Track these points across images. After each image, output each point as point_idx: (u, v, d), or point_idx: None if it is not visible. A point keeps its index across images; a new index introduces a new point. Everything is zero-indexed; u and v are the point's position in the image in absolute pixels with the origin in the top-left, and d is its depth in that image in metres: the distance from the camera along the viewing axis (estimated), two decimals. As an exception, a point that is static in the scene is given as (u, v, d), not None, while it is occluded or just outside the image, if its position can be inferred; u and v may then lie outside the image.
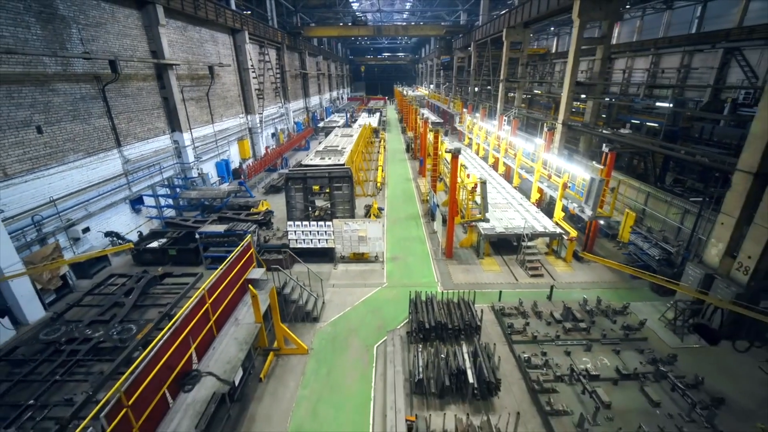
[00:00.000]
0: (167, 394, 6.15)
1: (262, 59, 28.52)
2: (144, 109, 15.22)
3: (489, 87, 31.01)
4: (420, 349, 7.87)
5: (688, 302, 9.20)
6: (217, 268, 7.75)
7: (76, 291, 11.04)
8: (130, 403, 5.15)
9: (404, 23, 49.56)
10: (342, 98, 70.18)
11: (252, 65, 25.44)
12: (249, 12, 28.92)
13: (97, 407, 4.84)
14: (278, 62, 32.83)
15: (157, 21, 15.27)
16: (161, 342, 5.99)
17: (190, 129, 17.93)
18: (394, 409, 6.63)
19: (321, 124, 40.03)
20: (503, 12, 26.38)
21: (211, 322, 7.45)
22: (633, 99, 23.19)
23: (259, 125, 26.57)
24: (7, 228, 9.18)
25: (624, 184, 14.61)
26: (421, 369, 7.35)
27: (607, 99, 19.43)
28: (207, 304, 7.23)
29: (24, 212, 10.15)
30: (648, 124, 20.87)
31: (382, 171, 22.95)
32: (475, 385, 6.87)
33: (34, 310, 9.58)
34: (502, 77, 25.82)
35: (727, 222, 8.87)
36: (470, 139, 27.25)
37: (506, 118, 22.35)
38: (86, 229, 11.94)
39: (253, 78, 25.67)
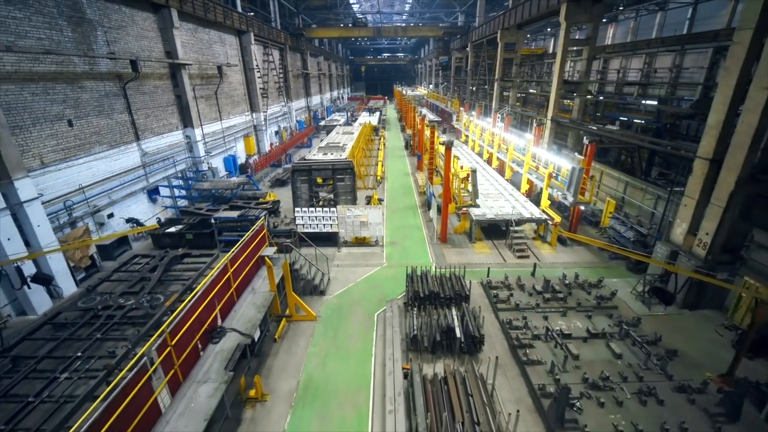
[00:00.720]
0: (198, 345, 7.23)
1: (266, 59, 29.62)
2: (159, 105, 16.31)
3: (485, 86, 32.10)
4: (415, 314, 8.93)
5: (656, 275, 10.30)
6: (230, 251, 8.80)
7: (103, 270, 12.10)
8: (173, 343, 6.24)
9: (403, 24, 50.66)
10: (342, 98, 71.28)
11: (257, 65, 26.52)
12: (252, 14, 29.99)
13: (148, 344, 5.88)
14: (281, 62, 33.95)
15: (172, 23, 16.35)
16: (194, 300, 7.07)
17: (201, 125, 19.02)
18: (392, 360, 7.69)
19: (322, 123, 41.10)
20: (498, 14, 27.45)
21: (233, 288, 8.52)
22: (620, 97, 24.26)
23: (263, 123, 27.66)
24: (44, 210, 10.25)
25: (605, 174, 15.68)
26: (416, 329, 8.42)
27: (589, 97, 20.51)
28: (229, 272, 8.30)
29: (58, 197, 11.22)
30: (635, 121, 21.96)
31: (382, 166, 24.03)
32: (462, 340, 7.95)
33: (68, 285, 10.64)
34: (497, 77, 26.92)
35: (689, 204, 9.95)
36: (467, 136, 28.34)
37: (500, 116, 23.42)
38: (111, 215, 13.02)
39: (258, 78, 26.74)
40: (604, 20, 31.28)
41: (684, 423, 6.18)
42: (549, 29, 44.98)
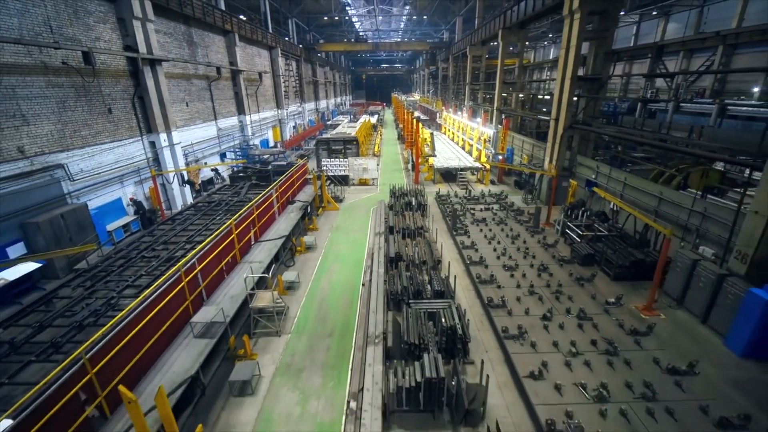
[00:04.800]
0: (276, 212, 14.68)
1: (287, 68, 37.51)
2: (226, 98, 24.00)
3: (461, 89, 39.93)
4: (392, 214, 16.33)
5: (530, 185, 17.82)
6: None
7: (218, 184, 19.56)
8: (258, 212, 13.73)
9: (398, 40, 58.94)
10: (345, 103, 79.44)
11: (281, 73, 34.36)
12: (274, 33, 37.90)
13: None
14: (297, 71, 41.87)
15: (235, 42, 24.15)
16: (276, 188, 14.56)
17: (249, 114, 26.70)
18: (379, 217, 15.13)
19: (329, 122, 48.89)
20: (465, 34, 35.46)
21: (294, 187, 16.02)
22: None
23: (286, 118, 35.41)
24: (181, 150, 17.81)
25: (525, 142, 23.31)
26: (392, 221, 15.82)
27: (521, 95, 28.28)
28: (291, 179, 15.80)
29: (185, 146, 18.77)
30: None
31: (379, 147, 31.67)
32: (417, 208, 15.40)
33: (186, 199, 18.14)
34: (467, 81, 34.79)
35: (549, 147, 17.45)
36: (446, 128, 36.08)
37: (464, 109, 31.17)
38: (205, 163, 20.60)
39: (282, 82, 34.56)
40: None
41: (516, 232, 13.63)
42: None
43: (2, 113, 10.32)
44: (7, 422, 5.05)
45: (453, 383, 6.12)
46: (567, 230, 12.83)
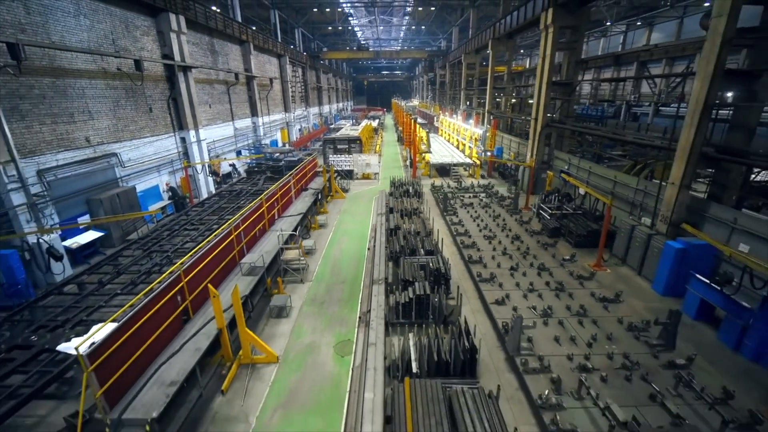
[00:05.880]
0: (293, 197, 17.02)
1: (294, 75, 40.09)
2: (242, 101, 26.46)
3: (456, 94, 42.50)
4: (392, 199, 18.65)
5: (514, 177, 20.17)
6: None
7: (235, 177, 21.89)
8: (280, 194, 16.08)
9: (398, 48, 61.77)
10: (346, 109, 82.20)
11: (289, 79, 36.92)
12: (280, 41, 40.56)
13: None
14: (303, 77, 44.49)
15: (250, 51, 26.67)
16: (292, 176, 16.92)
17: (261, 116, 29.16)
18: (380, 210, 17.44)
19: (332, 126, 51.47)
20: (461, 44, 38.11)
21: (306, 177, 18.36)
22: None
23: (293, 120, 37.90)
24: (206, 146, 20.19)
25: (512, 141, 25.73)
26: (392, 204, 18.14)
27: (514, 100, 30.84)
28: (304, 170, 18.15)
29: (208, 143, 21.15)
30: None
31: (380, 148, 34.10)
32: (413, 194, 17.72)
33: (210, 189, 20.47)
34: (462, 87, 37.35)
35: (530, 143, 19.81)
36: (442, 130, 38.56)
37: (459, 112, 33.67)
38: (224, 158, 22.98)
39: (290, 88, 37.10)
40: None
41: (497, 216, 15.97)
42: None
43: (76, 109, 12.70)
44: (113, 325, 7.36)
45: (436, 300, 8.39)
46: (541, 211, 15.14)
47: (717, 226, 9.50)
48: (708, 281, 8.40)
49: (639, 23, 38.55)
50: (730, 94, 9.89)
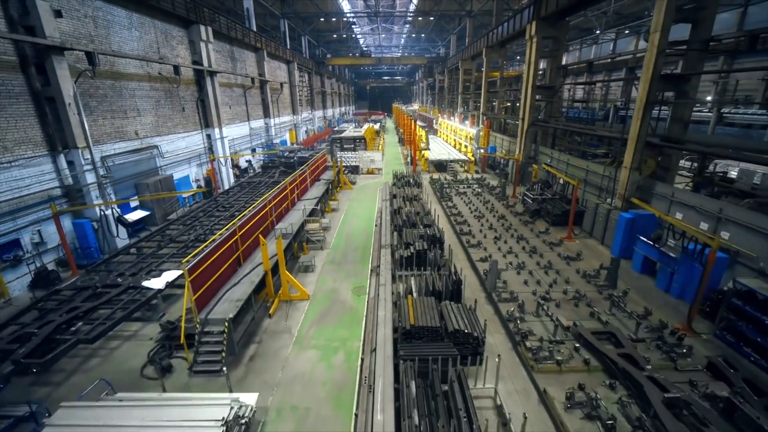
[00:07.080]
0: (309, 184, 19.28)
1: (301, 80, 42.56)
2: (255, 103, 28.84)
3: (454, 98, 44.96)
4: (395, 188, 20.89)
5: (504, 171, 22.44)
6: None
7: (252, 173, 24.16)
8: (300, 180, 18.37)
9: (399, 55, 64.43)
10: (349, 113, 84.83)
11: (296, 83, 39.36)
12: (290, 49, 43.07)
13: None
14: (309, 82, 46.98)
15: (264, 58, 29.10)
16: (302, 170, 19.21)
17: (273, 117, 31.53)
18: (384, 197, 19.69)
19: (336, 128, 53.88)
20: (458, 50, 40.62)
21: (319, 169, 20.64)
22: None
23: (300, 122, 40.29)
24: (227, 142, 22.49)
25: (504, 139, 28.07)
26: (395, 194, 20.38)
27: (508, 103, 33.24)
28: (316, 163, 20.43)
29: (229, 140, 23.45)
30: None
31: (382, 148, 36.44)
32: (413, 183, 20.00)
33: (231, 180, 22.75)
34: (460, 91, 39.81)
35: (518, 140, 22.11)
36: (441, 132, 40.94)
37: (456, 114, 36.07)
38: (242, 154, 25.28)
39: (298, 92, 39.53)
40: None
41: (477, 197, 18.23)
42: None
43: (128, 107, 15.00)
44: (177, 272, 9.59)
45: (431, 255, 10.60)
46: (525, 198, 17.39)
47: (660, 200, 11.75)
48: (647, 240, 10.64)
49: (627, 32, 41.10)
50: (671, 94, 12.11)
